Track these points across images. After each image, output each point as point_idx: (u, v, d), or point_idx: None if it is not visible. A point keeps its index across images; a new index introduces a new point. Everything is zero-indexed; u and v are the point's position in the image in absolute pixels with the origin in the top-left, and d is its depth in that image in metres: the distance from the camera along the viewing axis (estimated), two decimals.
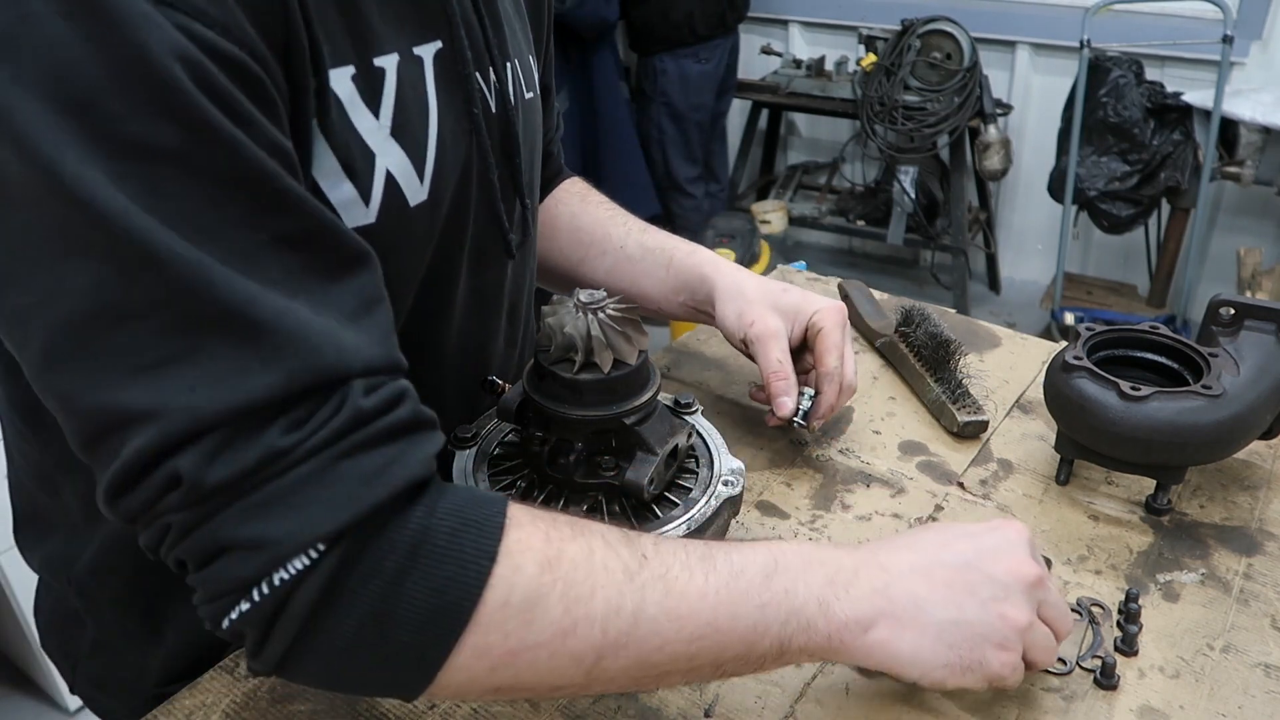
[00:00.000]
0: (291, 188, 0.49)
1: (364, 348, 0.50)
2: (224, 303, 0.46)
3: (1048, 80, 3.46)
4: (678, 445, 0.72)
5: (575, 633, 0.52)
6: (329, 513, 0.47)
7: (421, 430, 0.52)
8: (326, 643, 0.49)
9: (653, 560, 0.55)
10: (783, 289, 0.89)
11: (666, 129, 3.51)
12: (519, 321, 0.86)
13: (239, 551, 0.47)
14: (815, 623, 0.57)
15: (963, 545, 0.62)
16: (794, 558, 0.59)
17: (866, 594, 0.58)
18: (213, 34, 0.46)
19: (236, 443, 0.46)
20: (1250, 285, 2.93)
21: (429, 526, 0.50)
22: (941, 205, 3.49)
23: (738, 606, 0.55)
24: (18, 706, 2.03)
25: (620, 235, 0.96)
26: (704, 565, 0.56)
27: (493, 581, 0.49)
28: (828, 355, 0.85)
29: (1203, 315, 0.88)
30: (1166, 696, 0.67)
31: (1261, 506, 0.86)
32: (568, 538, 0.53)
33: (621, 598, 0.53)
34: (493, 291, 0.79)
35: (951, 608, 0.59)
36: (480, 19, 0.70)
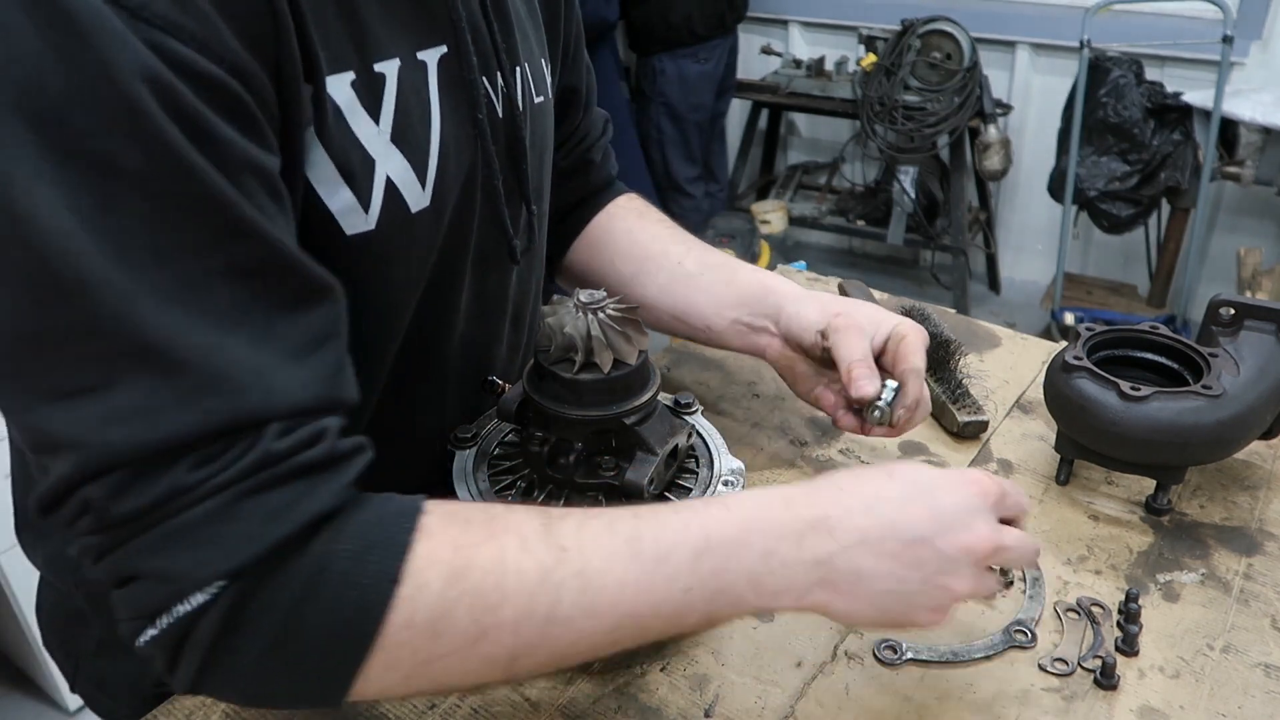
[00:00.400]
0: (251, 216, 0.48)
1: (295, 390, 0.49)
2: (149, 336, 0.46)
3: (1048, 80, 3.46)
4: (678, 445, 0.72)
5: (486, 639, 0.52)
6: (229, 550, 0.47)
7: (335, 466, 0.51)
8: (234, 668, 0.50)
9: (572, 553, 0.53)
10: (865, 303, 0.84)
11: (666, 129, 3.51)
12: (523, 327, 0.85)
13: (146, 580, 0.48)
14: (745, 597, 0.56)
15: (921, 512, 0.58)
16: (731, 528, 0.56)
17: (807, 564, 0.56)
18: (188, 50, 0.46)
19: (144, 477, 0.46)
20: (1250, 285, 2.92)
21: (329, 553, 0.50)
22: (941, 205, 3.49)
23: (660, 593, 0.54)
24: (18, 706, 2.03)
25: (680, 252, 0.92)
26: (628, 550, 0.54)
27: (395, 604, 0.49)
28: (912, 354, 0.79)
29: (1203, 315, 0.88)
30: (1166, 696, 0.67)
31: (1261, 506, 0.86)
32: (479, 542, 0.52)
33: (534, 601, 0.52)
34: (496, 297, 0.78)
35: (894, 580, 0.57)
36: (489, 22, 0.69)
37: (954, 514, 0.58)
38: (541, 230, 0.84)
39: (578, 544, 0.54)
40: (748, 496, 0.59)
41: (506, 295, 0.80)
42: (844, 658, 0.70)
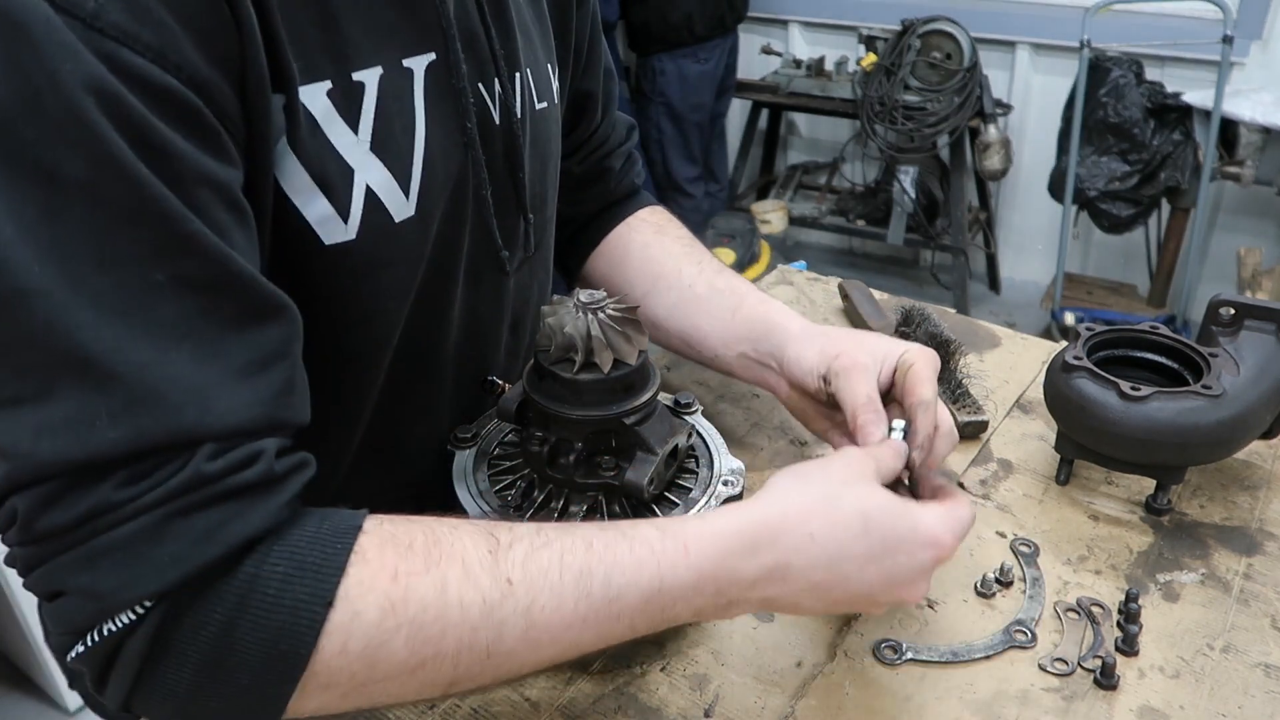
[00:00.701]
0: (199, 231, 0.48)
1: (237, 410, 0.49)
2: (85, 348, 0.45)
3: (1048, 80, 3.46)
4: (678, 445, 0.72)
5: (425, 668, 0.52)
6: (155, 571, 0.47)
7: (269, 487, 0.51)
8: (164, 688, 0.49)
9: (518, 588, 0.52)
10: (869, 334, 0.80)
11: (665, 129, 3.51)
12: (524, 332, 0.84)
13: (73, 597, 0.48)
14: (683, 622, 0.59)
15: (874, 576, 0.58)
16: (685, 574, 0.55)
17: (754, 601, 0.58)
18: (142, 61, 0.46)
19: (71, 493, 0.46)
20: (1250, 285, 2.92)
21: (258, 575, 0.49)
22: (941, 205, 3.49)
23: (605, 629, 0.55)
24: (17, 706, 2.03)
25: (691, 273, 0.91)
26: (576, 589, 0.54)
27: (328, 629, 0.49)
28: (919, 386, 0.73)
29: (1203, 315, 0.88)
30: (1166, 696, 0.67)
31: (1261, 506, 0.86)
32: (419, 571, 0.51)
33: (475, 635, 0.52)
34: (491, 306, 0.77)
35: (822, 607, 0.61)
36: (487, 28, 0.69)
37: (905, 576, 0.59)
38: (544, 238, 0.83)
39: (525, 578, 0.53)
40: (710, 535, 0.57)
41: (503, 303, 0.79)
42: (844, 658, 0.70)
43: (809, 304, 1.22)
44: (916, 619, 0.74)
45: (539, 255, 0.83)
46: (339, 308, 0.62)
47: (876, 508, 0.59)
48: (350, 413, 0.70)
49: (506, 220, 0.74)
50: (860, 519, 0.58)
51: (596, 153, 0.96)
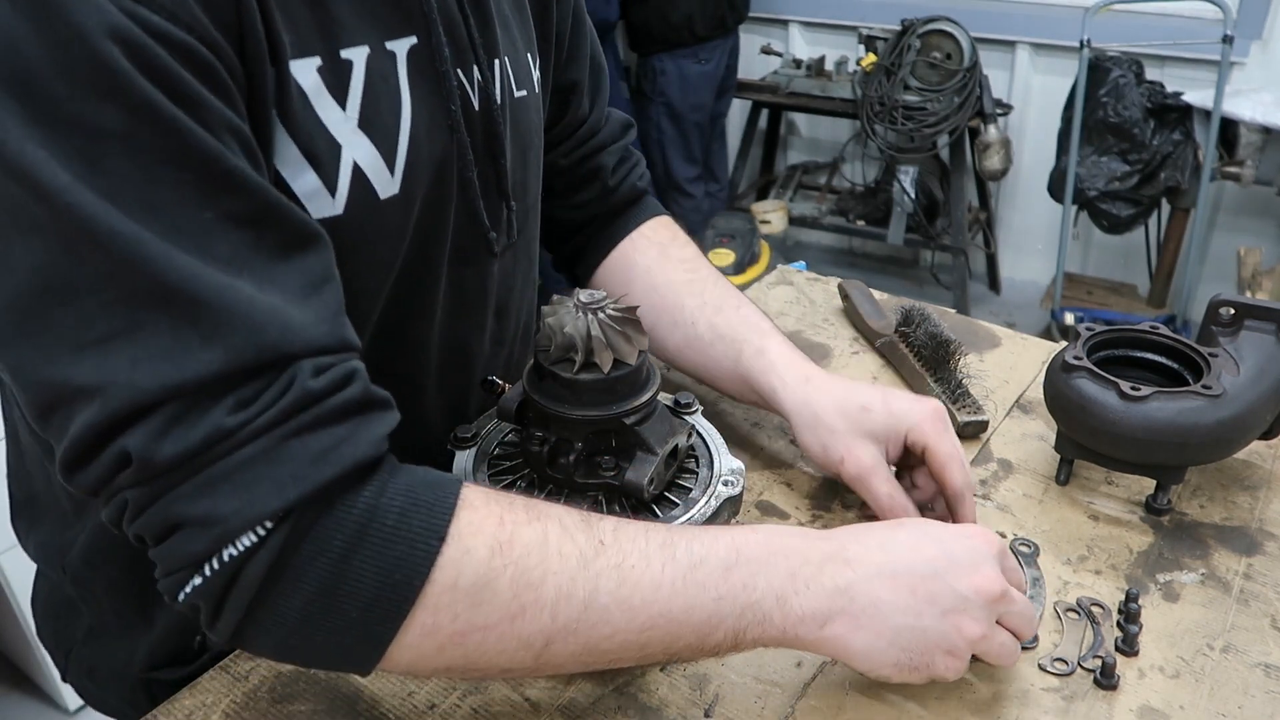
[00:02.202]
0: (238, 167, 0.49)
1: (310, 326, 0.50)
2: (164, 279, 0.46)
3: (1048, 80, 3.46)
4: (678, 445, 0.72)
5: (524, 616, 0.53)
6: (275, 492, 0.48)
7: (373, 410, 0.53)
8: (276, 617, 0.50)
9: (610, 547, 0.55)
10: (861, 406, 0.79)
11: (666, 129, 3.51)
12: (508, 320, 0.85)
13: (190, 528, 0.48)
14: (771, 616, 0.58)
15: (932, 552, 0.61)
16: (757, 549, 0.58)
17: (828, 590, 0.58)
18: (158, 18, 0.47)
19: (183, 421, 0.47)
20: (1250, 285, 2.92)
21: (378, 506, 0.50)
22: (941, 205, 3.49)
23: (693, 598, 0.56)
24: (17, 706, 2.03)
25: (693, 310, 0.90)
26: (663, 554, 0.56)
27: (441, 563, 0.50)
28: (947, 472, 0.75)
29: (1203, 315, 0.88)
30: (1166, 696, 0.67)
31: (1261, 506, 0.86)
32: (522, 521, 0.54)
33: (574, 584, 0.53)
34: (475, 290, 0.78)
35: (910, 614, 0.59)
36: (464, 14, 0.69)
37: (964, 555, 0.61)
38: (527, 225, 0.84)
39: (615, 540, 0.56)
40: (766, 525, 0.62)
41: (487, 288, 0.79)
42: None
43: (809, 304, 1.22)
44: None
45: (522, 242, 0.83)
46: None
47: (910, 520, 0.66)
48: None
49: (490, 205, 0.75)
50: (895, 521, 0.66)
51: (584, 146, 0.95)
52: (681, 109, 3.47)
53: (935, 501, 0.81)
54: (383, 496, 0.51)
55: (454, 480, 0.55)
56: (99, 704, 0.89)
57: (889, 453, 0.79)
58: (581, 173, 0.96)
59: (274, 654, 0.55)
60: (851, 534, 0.62)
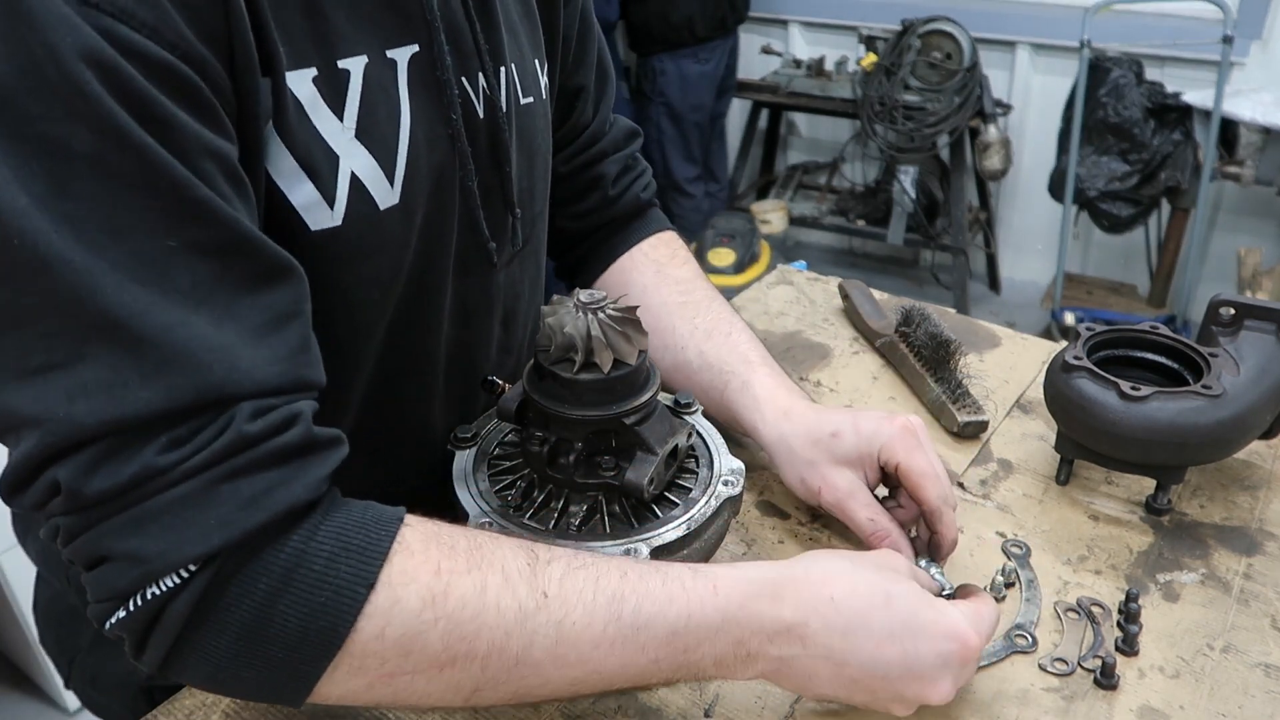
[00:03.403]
0: (208, 197, 0.48)
1: (261, 366, 0.50)
2: (111, 312, 0.46)
3: (1048, 80, 3.46)
4: (678, 445, 0.72)
5: (454, 666, 0.52)
6: (201, 535, 0.48)
7: (313, 453, 0.52)
8: (201, 655, 0.50)
9: (553, 600, 0.54)
10: (831, 433, 0.78)
11: (665, 129, 3.51)
12: (515, 327, 0.84)
13: (116, 562, 0.48)
14: (705, 672, 0.59)
15: (894, 656, 0.59)
16: (712, 617, 0.57)
17: (771, 659, 0.59)
18: (138, 36, 0.46)
19: (115, 457, 0.47)
20: (1250, 285, 2.92)
21: (306, 550, 0.50)
22: (941, 205, 3.49)
23: (630, 658, 0.56)
24: (17, 706, 2.03)
25: (684, 334, 0.89)
26: (608, 612, 0.55)
27: (368, 611, 0.50)
28: (921, 490, 0.74)
29: (1203, 315, 0.88)
30: (1166, 696, 0.67)
31: (1261, 506, 0.86)
32: (461, 570, 0.53)
33: (508, 640, 0.53)
34: (480, 299, 0.77)
35: (842, 692, 0.60)
36: (471, 22, 0.69)
37: (926, 668, 0.59)
38: (534, 233, 0.83)
39: (560, 594, 0.54)
40: (737, 579, 0.59)
41: (494, 296, 0.79)
42: None
43: (809, 304, 1.22)
44: None
45: (529, 250, 0.82)
46: (325, 296, 0.63)
47: (902, 589, 0.60)
48: (337, 403, 0.70)
49: (494, 214, 0.74)
50: (884, 594, 0.60)
51: (586, 153, 0.94)
52: (681, 109, 3.47)
53: None
54: (312, 540, 0.50)
55: (393, 521, 0.53)
56: (102, 711, 0.89)
57: (867, 476, 0.78)
58: (582, 181, 0.95)
59: (202, 687, 0.55)
60: (826, 605, 0.59)
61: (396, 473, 0.78)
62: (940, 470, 0.75)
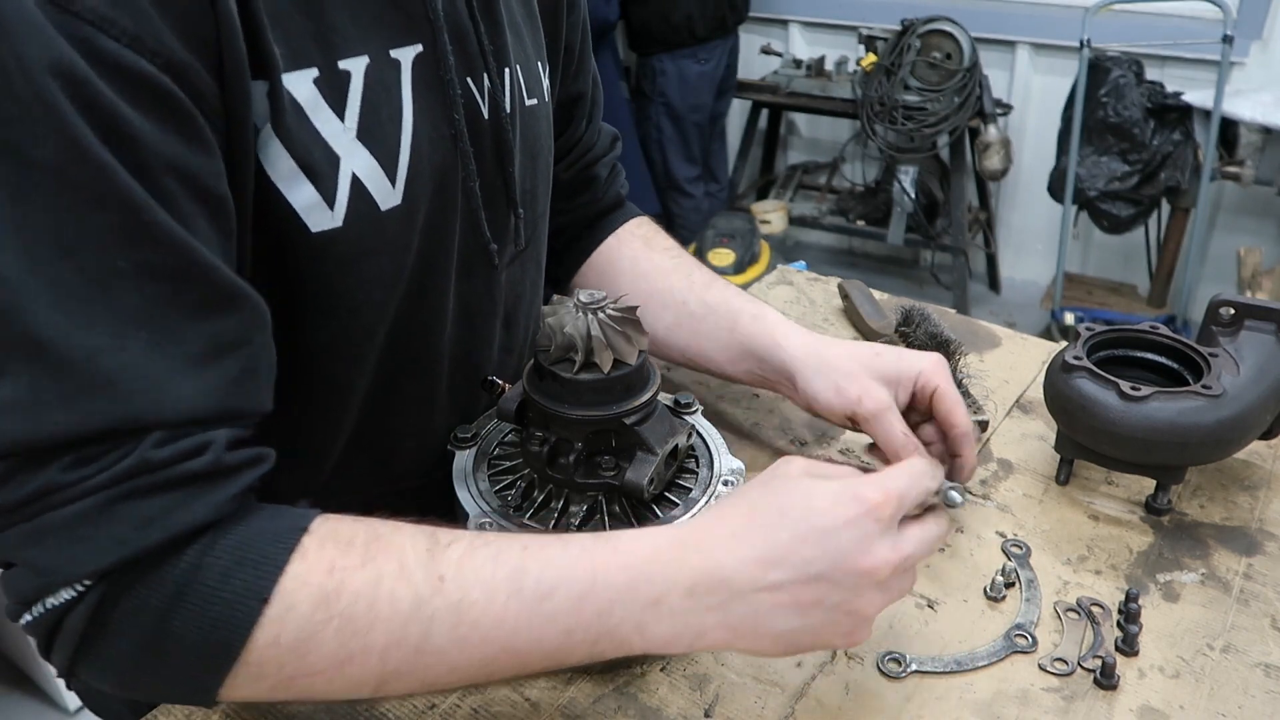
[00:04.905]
0: (163, 220, 0.48)
1: (188, 398, 0.50)
2: (38, 332, 0.46)
3: (1048, 80, 3.46)
4: (678, 445, 0.72)
5: (353, 663, 0.52)
6: (95, 552, 0.48)
7: (220, 478, 0.51)
8: (104, 663, 0.51)
9: (450, 583, 0.53)
10: (873, 352, 0.82)
11: (665, 129, 3.50)
12: (517, 328, 0.84)
13: (21, 568, 0.50)
14: (630, 641, 0.56)
15: (813, 552, 0.55)
16: (618, 575, 0.55)
17: (699, 612, 0.55)
18: (115, 45, 0.46)
19: (20, 473, 0.47)
20: (1250, 285, 2.92)
21: (201, 565, 0.50)
22: (941, 205, 3.49)
23: (540, 631, 0.54)
24: (18, 706, 2.03)
25: (683, 288, 0.91)
26: (509, 586, 0.53)
27: (263, 622, 0.50)
28: (954, 414, 0.78)
29: (1203, 315, 0.88)
30: (1166, 696, 0.67)
31: (1261, 506, 0.86)
32: (355, 566, 0.52)
33: (405, 630, 0.52)
34: (483, 299, 0.77)
35: (796, 617, 0.56)
36: (475, 23, 0.69)
37: (848, 544, 0.55)
38: (536, 234, 0.83)
39: (458, 574, 0.53)
40: (641, 538, 0.57)
41: (495, 297, 0.79)
42: (844, 658, 0.70)
43: (809, 304, 1.22)
44: (916, 620, 0.74)
45: (531, 251, 0.83)
46: (327, 297, 0.63)
47: (788, 490, 0.57)
48: (339, 403, 0.70)
49: (496, 215, 0.74)
50: (777, 508, 0.57)
51: (583, 159, 0.96)
52: (681, 109, 3.47)
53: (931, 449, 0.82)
54: (207, 555, 0.50)
55: (295, 528, 0.53)
56: (101, 707, 0.90)
57: (899, 397, 0.80)
58: (577, 184, 0.97)
59: (112, 690, 0.55)
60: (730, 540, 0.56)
61: (398, 472, 0.78)
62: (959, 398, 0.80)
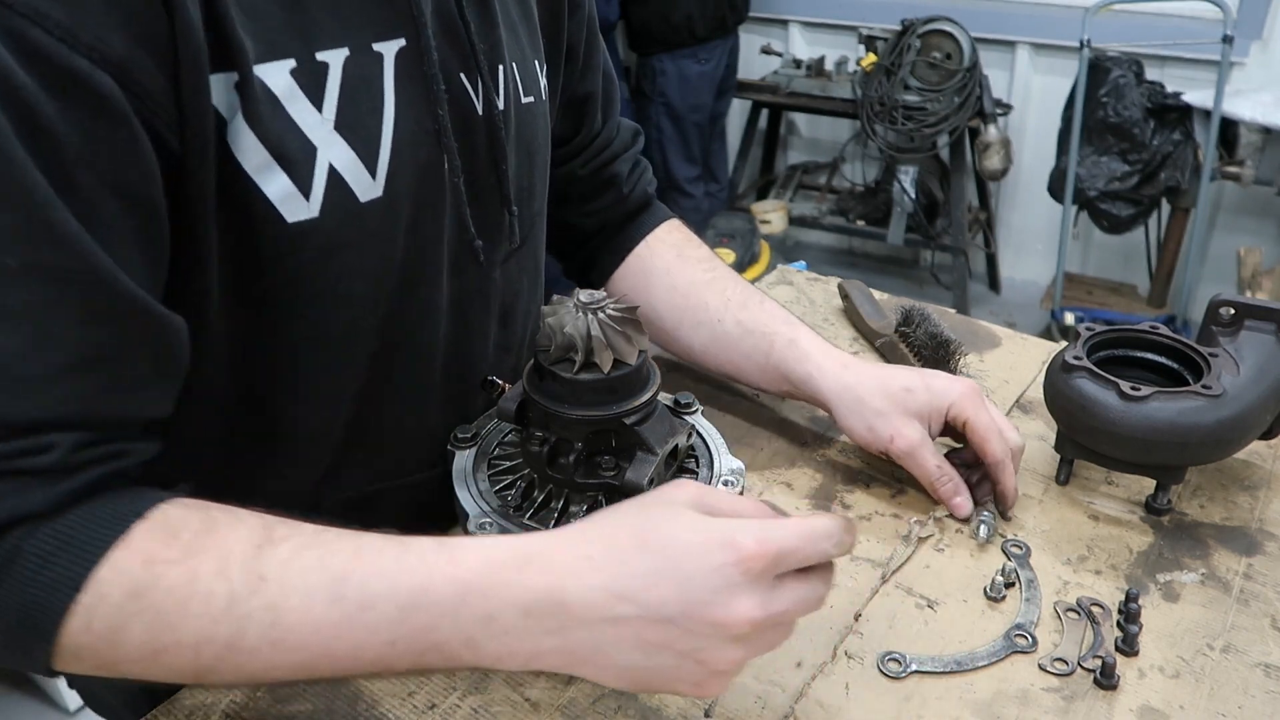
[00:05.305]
0: (63, 220, 0.48)
1: (49, 406, 0.50)
2: None
3: (1048, 80, 3.46)
4: (678, 445, 0.72)
5: (167, 654, 0.52)
6: None
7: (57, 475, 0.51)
8: None
9: (270, 583, 0.52)
10: (904, 388, 0.83)
11: (665, 129, 3.51)
12: (514, 325, 0.84)
13: None
14: (459, 656, 0.54)
15: (667, 592, 0.51)
16: (449, 589, 0.52)
17: (535, 635, 0.52)
18: (49, 40, 0.46)
19: None
20: (1250, 285, 2.93)
21: (21, 549, 0.50)
22: (941, 205, 3.49)
23: (360, 640, 0.52)
24: (18, 706, 2.03)
25: (718, 307, 0.92)
26: (330, 592, 0.52)
27: (75, 610, 0.50)
28: (988, 444, 0.81)
29: (1203, 315, 0.88)
30: (1166, 696, 0.67)
31: (1261, 506, 0.86)
32: (174, 560, 0.51)
33: (215, 628, 0.51)
34: (476, 296, 0.77)
35: (640, 657, 0.52)
36: (464, 19, 0.69)
37: (706, 592, 0.51)
38: (531, 232, 0.83)
39: (280, 576, 0.52)
40: (481, 549, 0.54)
41: (490, 294, 0.79)
42: (844, 658, 0.70)
43: (809, 304, 1.22)
44: (916, 620, 0.74)
45: (527, 249, 0.83)
46: (308, 287, 0.63)
47: (660, 521, 0.53)
48: (329, 393, 0.70)
49: (489, 212, 0.75)
50: (639, 537, 0.53)
51: (600, 156, 0.96)
52: (681, 109, 3.47)
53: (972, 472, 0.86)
54: (30, 540, 0.50)
55: (129, 514, 0.52)
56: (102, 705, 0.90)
57: (932, 430, 0.84)
58: (598, 181, 0.97)
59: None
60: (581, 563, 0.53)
61: (393, 468, 0.78)
62: (1005, 425, 0.83)
